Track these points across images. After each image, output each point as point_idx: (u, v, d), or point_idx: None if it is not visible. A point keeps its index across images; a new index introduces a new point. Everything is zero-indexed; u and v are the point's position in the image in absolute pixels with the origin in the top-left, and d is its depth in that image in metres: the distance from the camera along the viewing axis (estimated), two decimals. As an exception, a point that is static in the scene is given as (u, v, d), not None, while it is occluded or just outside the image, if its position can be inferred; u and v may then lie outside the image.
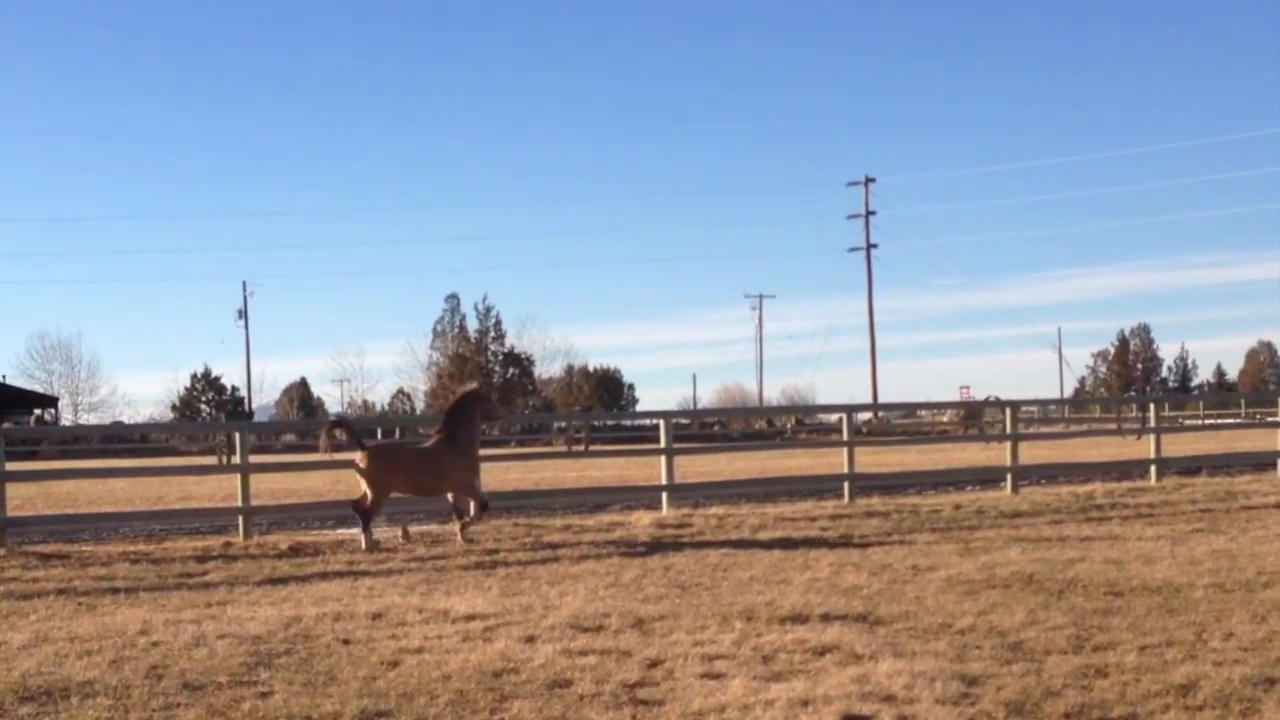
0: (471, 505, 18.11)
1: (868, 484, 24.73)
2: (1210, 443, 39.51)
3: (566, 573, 14.40)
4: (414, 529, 18.86)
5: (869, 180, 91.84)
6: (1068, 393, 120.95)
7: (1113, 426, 52.43)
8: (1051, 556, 14.25)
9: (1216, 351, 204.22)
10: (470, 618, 11.15)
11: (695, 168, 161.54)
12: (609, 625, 10.63)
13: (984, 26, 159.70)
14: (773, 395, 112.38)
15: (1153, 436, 25.69)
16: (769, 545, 16.46)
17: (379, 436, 52.35)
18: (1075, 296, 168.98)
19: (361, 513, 17.42)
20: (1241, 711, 7.40)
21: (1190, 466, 27.24)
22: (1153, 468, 24.78)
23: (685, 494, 23.12)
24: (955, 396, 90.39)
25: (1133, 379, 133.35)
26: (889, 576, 13.17)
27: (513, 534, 18.50)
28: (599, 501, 23.59)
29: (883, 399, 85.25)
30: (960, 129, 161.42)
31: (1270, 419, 32.03)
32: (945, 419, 77.17)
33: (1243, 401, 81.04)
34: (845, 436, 23.70)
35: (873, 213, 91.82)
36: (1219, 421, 63.52)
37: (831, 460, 30.60)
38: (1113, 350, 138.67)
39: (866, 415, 71.82)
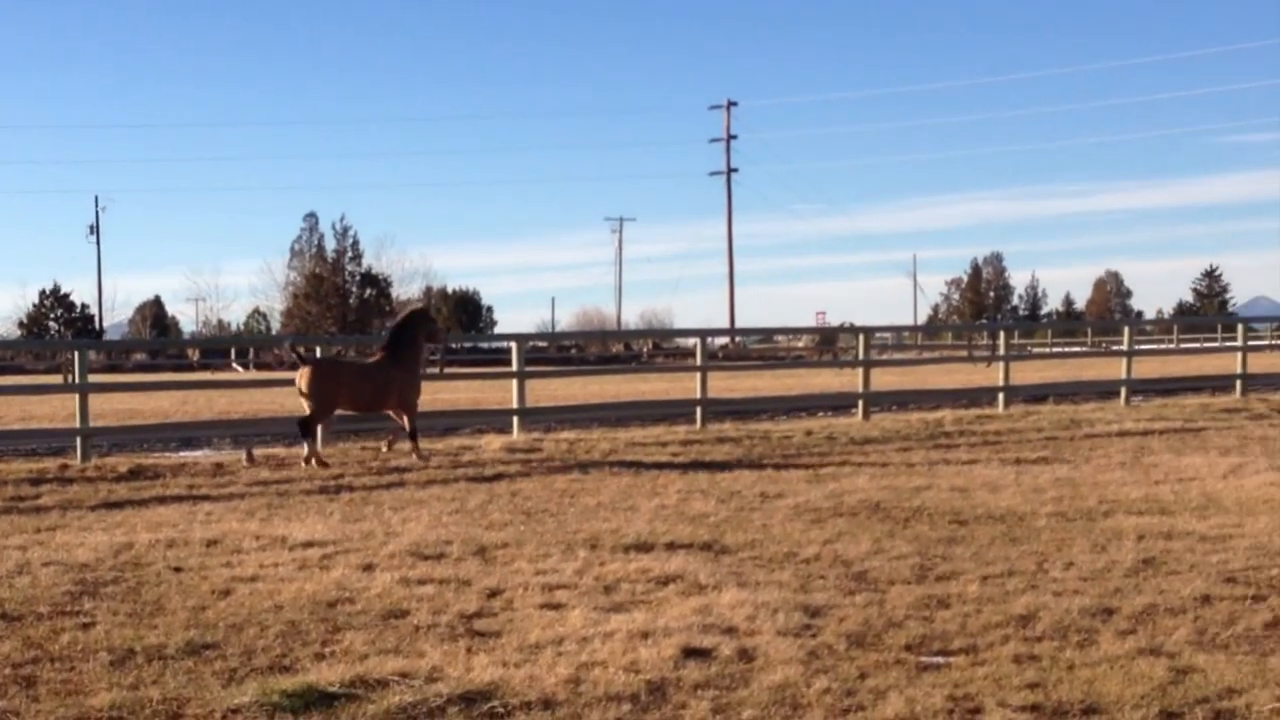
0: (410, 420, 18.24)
1: (721, 409, 24.70)
2: (1058, 371, 40.21)
3: (411, 498, 14.16)
4: (260, 451, 18.45)
5: (731, 104, 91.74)
6: (922, 320, 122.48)
7: (964, 354, 53.09)
8: (899, 484, 14.27)
9: (1066, 281, 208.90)
10: (309, 545, 10.88)
11: (557, 89, 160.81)
12: (450, 553, 10.43)
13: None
14: (631, 319, 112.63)
15: (1001, 364, 25.93)
16: (619, 471, 16.31)
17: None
18: (931, 224, 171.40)
19: (303, 425, 17.43)
20: (1079, 643, 7.38)
21: (1037, 394, 27.60)
22: (1000, 395, 25.01)
23: (537, 418, 22.92)
24: (812, 322, 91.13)
25: (985, 307, 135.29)
26: (737, 504, 13.10)
27: (360, 458, 18.18)
28: (451, 425, 23.34)
29: (741, 324, 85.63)
30: (823, 54, 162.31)
31: (1115, 348, 32.58)
32: (801, 344, 77.66)
33: (1089, 331, 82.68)
34: (698, 361, 23.60)
35: (734, 137, 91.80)
36: (1067, 350, 64.65)
37: (686, 385, 30.54)
38: (966, 278, 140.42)
39: (724, 340, 71.90)
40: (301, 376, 17.69)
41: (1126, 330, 28.89)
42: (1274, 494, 12.84)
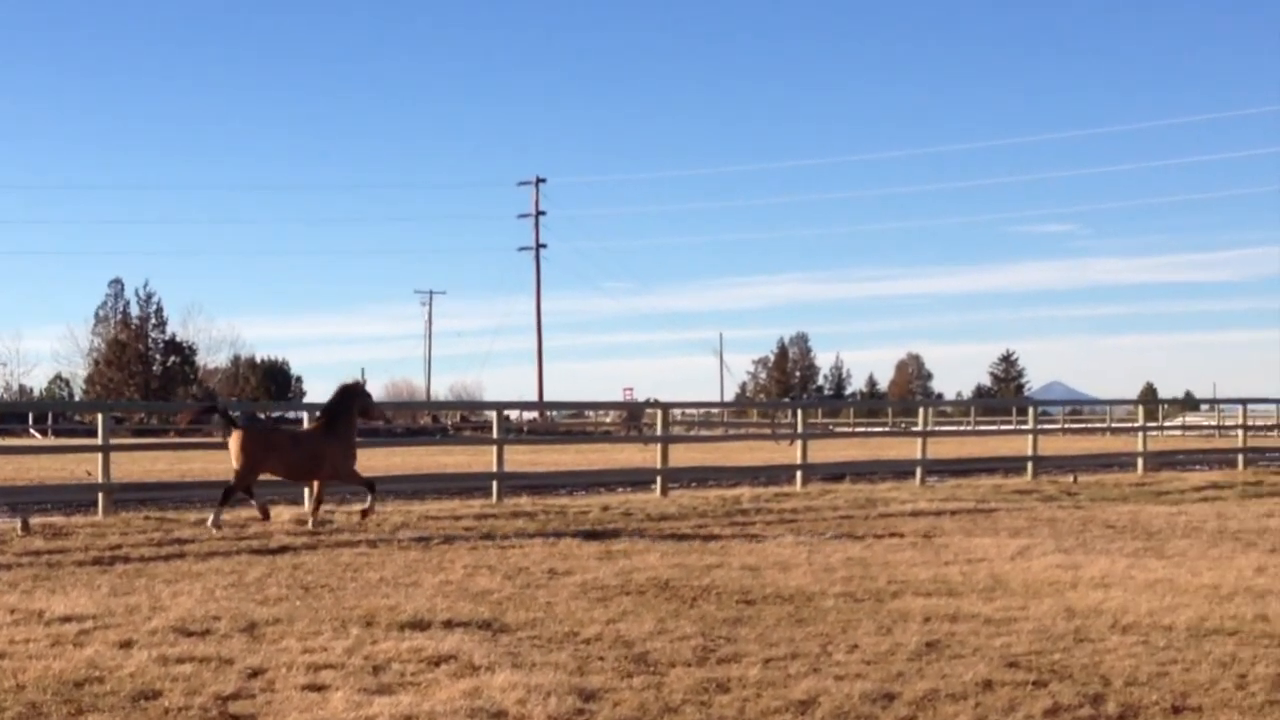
0: (369, 494, 18.78)
1: (519, 483, 24.38)
2: (858, 450, 40.59)
3: (189, 570, 13.57)
4: (39, 520, 17.66)
5: (539, 180, 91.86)
6: (729, 397, 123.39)
7: (769, 432, 53.43)
8: (690, 562, 14.05)
9: (869, 362, 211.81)
10: (67, 619, 10.30)
11: (370, 161, 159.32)
12: (217, 629, 9.93)
13: (650, 35, 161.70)
14: (442, 392, 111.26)
15: (800, 443, 25.99)
16: (408, 545, 15.88)
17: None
18: (739, 304, 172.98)
19: (226, 489, 17.86)
20: (858, 729, 7.20)
21: (836, 473, 27.74)
22: (799, 473, 25.07)
23: (331, 490, 22.31)
24: (620, 398, 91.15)
25: (791, 386, 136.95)
26: (523, 580, 12.76)
27: (142, 528, 17.51)
28: (240, 497, 22.55)
29: (551, 399, 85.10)
30: (631, 133, 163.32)
31: (913, 428, 32.98)
32: (609, 420, 77.62)
33: (890, 411, 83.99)
34: (495, 434, 23.24)
35: (543, 213, 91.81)
36: (869, 430, 65.51)
37: (488, 458, 30.10)
38: (773, 357, 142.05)
39: (533, 414, 71.77)
40: (234, 440, 17.86)
41: (922, 411, 29.24)
42: (1059, 576, 12.87)
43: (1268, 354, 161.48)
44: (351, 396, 18.89)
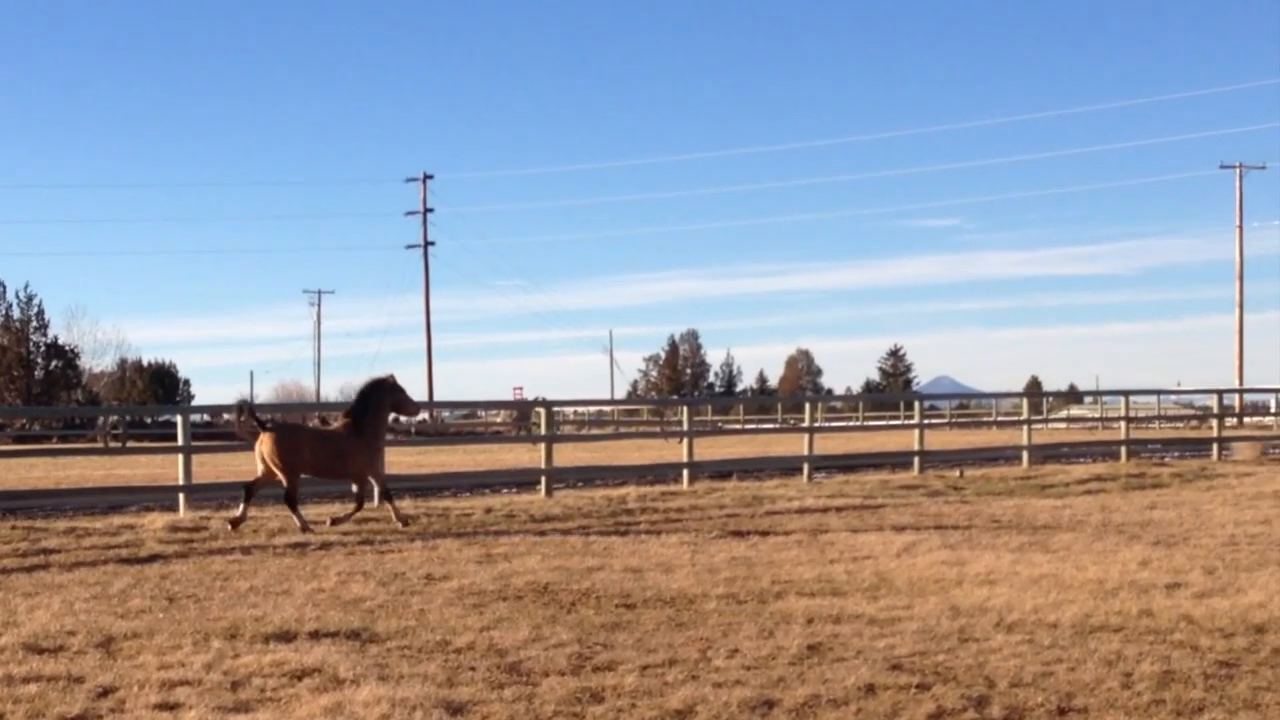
0: (376, 492, 18.72)
1: (402, 486, 23.87)
2: (746, 447, 40.52)
3: (50, 582, 13.06)
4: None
5: (427, 177, 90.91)
6: (620, 395, 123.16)
7: (658, 430, 53.22)
8: (572, 565, 13.73)
9: (760, 358, 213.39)
10: (-89, 637, 9.77)
11: (255, 158, 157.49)
12: (71, 645, 9.48)
13: (538, 30, 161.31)
14: (331, 393, 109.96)
15: (686, 440, 25.76)
16: (283, 551, 15.45)
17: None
18: (629, 301, 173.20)
19: (249, 488, 17.97)
20: (735, 739, 6.93)
21: (723, 470, 27.52)
22: (685, 472, 24.84)
23: (209, 495, 21.78)
24: (510, 397, 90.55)
25: (682, 383, 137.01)
26: (398, 587, 12.38)
27: (8, 537, 16.89)
28: (118, 502, 21.96)
29: (441, 399, 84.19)
30: (521, 129, 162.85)
31: (802, 425, 32.86)
32: (499, 420, 77.12)
33: (779, 407, 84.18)
34: (376, 436, 22.72)
35: (431, 210, 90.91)
36: (759, 427, 65.57)
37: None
38: (664, 355, 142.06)
39: (422, 415, 70.82)
40: (263, 442, 17.74)
41: (808, 407, 29.13)
42: (944, 573, 12.70)
43: (1150, 346, 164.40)
44: (381, 393, 18.57)
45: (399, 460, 35.63)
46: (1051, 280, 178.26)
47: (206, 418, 75.52)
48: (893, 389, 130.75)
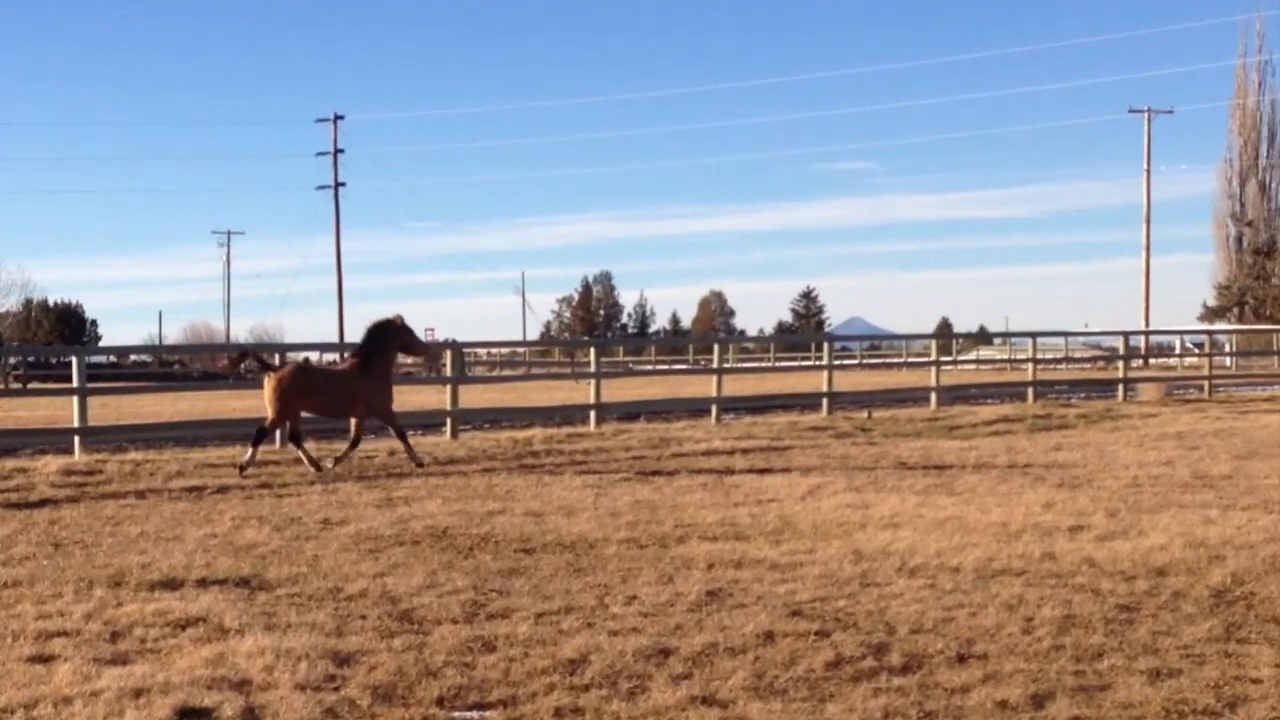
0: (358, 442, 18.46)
1: (305, 428, 23.54)
2: (657, 388, 40.32)
3: (-66, 529, 12.65)
4: None
5: (338, 118, 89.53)
6: (533, 336, 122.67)
7: (569, 371, 52.93)
8: (473, 509, 13.51)
9: (673, 300, 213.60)
10: None
11: (163, 96, 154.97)
12: (-54, 594, 9.14)
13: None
14: (241, 334, 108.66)
15: (593, 382, 25.55)
16: (178, 495, 15.12)
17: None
18: (542, 243, 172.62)
19: (260, 430, 17.85)
20: (629, 691, 6.75)
21: (632, 412, 27.30)
22: (592, 413, 24.63)
23: (106, 438, 21.32)
24: (422, 338, 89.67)
25: (596, 324, 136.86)
26: (293, 532, 12.10)
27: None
28: (12, 445, 21.42)
29: (352, 341, 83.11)
30: (432, 69, 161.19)
31: (712, 366, 32.70)
32: (410, 361, 76.38)
33: (691, 348, 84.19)
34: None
35: (342, 151, 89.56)
36: (671, 368, 65.46)
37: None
38: (577, 296, 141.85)
39: (333, 356, 70.35)
40: (269, 382, 17.79)
41: (716, 348, 28.98)
42: (849, 516, 12.59)
43: (1059, 289, 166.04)
44: (389, 333, 18.44)
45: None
46: (963, 223, 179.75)
47: (113, 359, 74.65)
48: (805, 330, 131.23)
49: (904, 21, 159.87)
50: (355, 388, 18.07)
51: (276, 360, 21.11)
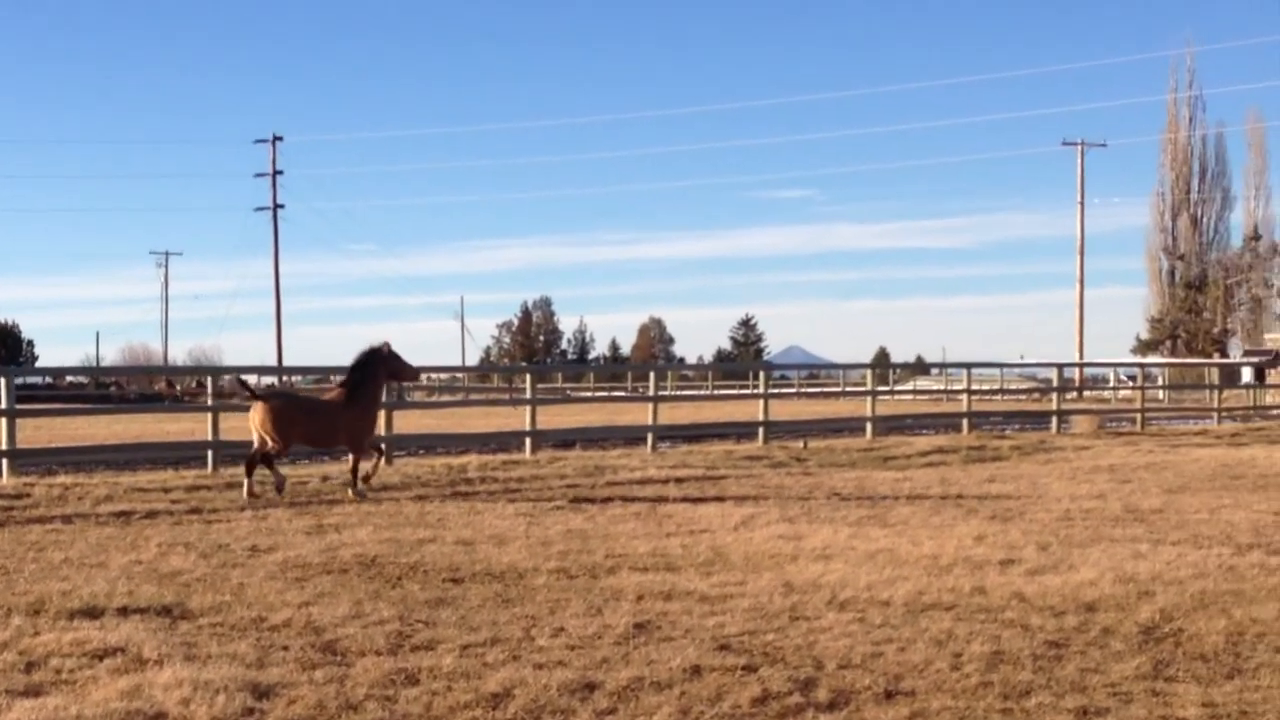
0: (374, 457, 18.41)
1: (238, 452, 23.35)
2: (595, 415, 40.22)
3: None
4: None
5: (277, 139, 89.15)
6: (472, 361, 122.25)
7: (509, 397, 52.74)
8: (403, 536, 13.38)
9: (613, 326, 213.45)
10: None
11: (102, 118, 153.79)
12: None
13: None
14: (179, 356, 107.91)
15: (529, 408, 25.45)
16: (106, 520, 14.94)
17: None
18: (481, 267, 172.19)
19: (250, 460, 17.59)
20: (553, 725, 6.67)
21: (568, 439, 27.22)
22: (528, 440, 24.53)
23: (36, 460, 21.07)
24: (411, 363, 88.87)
25: (535, 350, 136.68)
26: (220, 559, 11.94)
27: None
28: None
29: (291, 364, 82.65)
30: (372, 92, 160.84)
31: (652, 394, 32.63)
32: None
33: (630, 375, 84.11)
34: (209, 401, 22.18)
35: (280, 172, 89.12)
36: (610, 395, 65.38)
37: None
38: (516, 321, 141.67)
39: (271, 379, 70.35)
40: (256, 411, 17.60)
41: (652, 375, 28.93)
42: (781, 547, 12.55)
43: (996, 319, 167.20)
44: (376, 362, 18.29)
45: (239, 426, 34.89)
46: (901, 253, 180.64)
47: (49, 379, 73.86)
48: (744, 358, 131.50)
49: (845, 51, 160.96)
50: (339, 418, 17.98)
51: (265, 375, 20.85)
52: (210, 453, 21.25)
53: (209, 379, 23.23)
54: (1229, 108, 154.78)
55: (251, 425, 17.83)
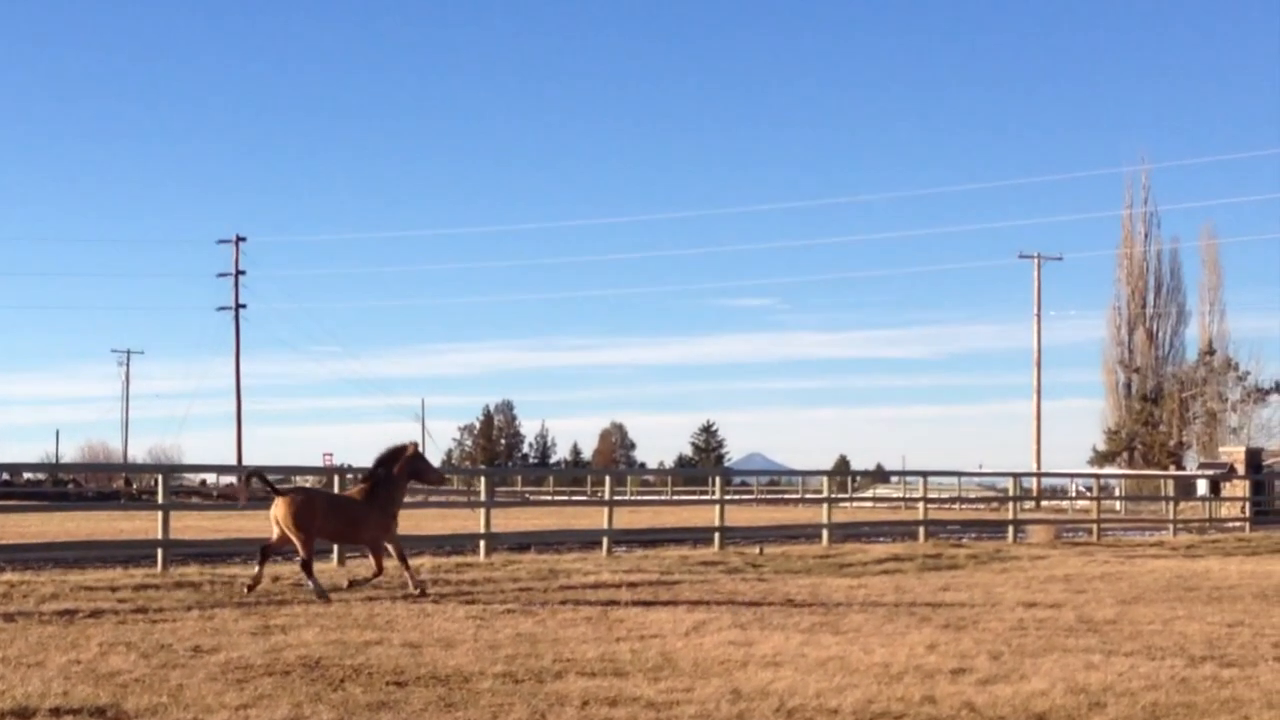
0: (392, 554, 18.27)
1: (188, 551, 23.19)
2: (553, 519, 40.10)
3: None
4: None
5: (240, 239, 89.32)
6: (434, 465, 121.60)
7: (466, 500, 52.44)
8: (349, 638, 13.21)
9: (574, 430, 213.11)
10: None
11: (64, 215, 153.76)
12: None
13: (348, 95, 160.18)
14: (139, 455, 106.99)
15: (483, 511, 25.32)
16: (49, 619, 14.71)
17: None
18: (445, 370, 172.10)
19: (264, 551, 17.82)
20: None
21: (523, 542, 27.06)
22: (482, 542, 24.38)
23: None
24: (320, 465, 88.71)
25: (497, 453, 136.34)
26: (161, 659, 11.75)
27: None
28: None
29: (250, 464, 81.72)
30: (336, 194, 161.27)
31: (617, 497, 32.48)
32: (310, 485, 75.68)
33: (589, 479, 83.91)
34: (160, 499, 21.96)
35: (243, 272, 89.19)
36: (569, 498, 65.24)
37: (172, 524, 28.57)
38: (478, 424, 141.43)
39: (231, 479, 70.29)
40: (278, 506, 17.54)
41: (608, 479, 28.84)
42: (731, 654, 12.44)
43: (955, 429, 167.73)
44: (401, 461, 18.30)
45: (197, 525, 34.57)
46: (861, 362, 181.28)
47: (6, 476, 73.15)
48: (705, 464, 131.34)
49: (807, 162, 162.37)
50: (360, 514, 17.98)
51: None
52: (160, 551, 21.00)
53: (160, 478, 22.89)
54: (1184, 224, 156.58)
55: (272, 520, 17.77)
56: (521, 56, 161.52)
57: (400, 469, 18.28)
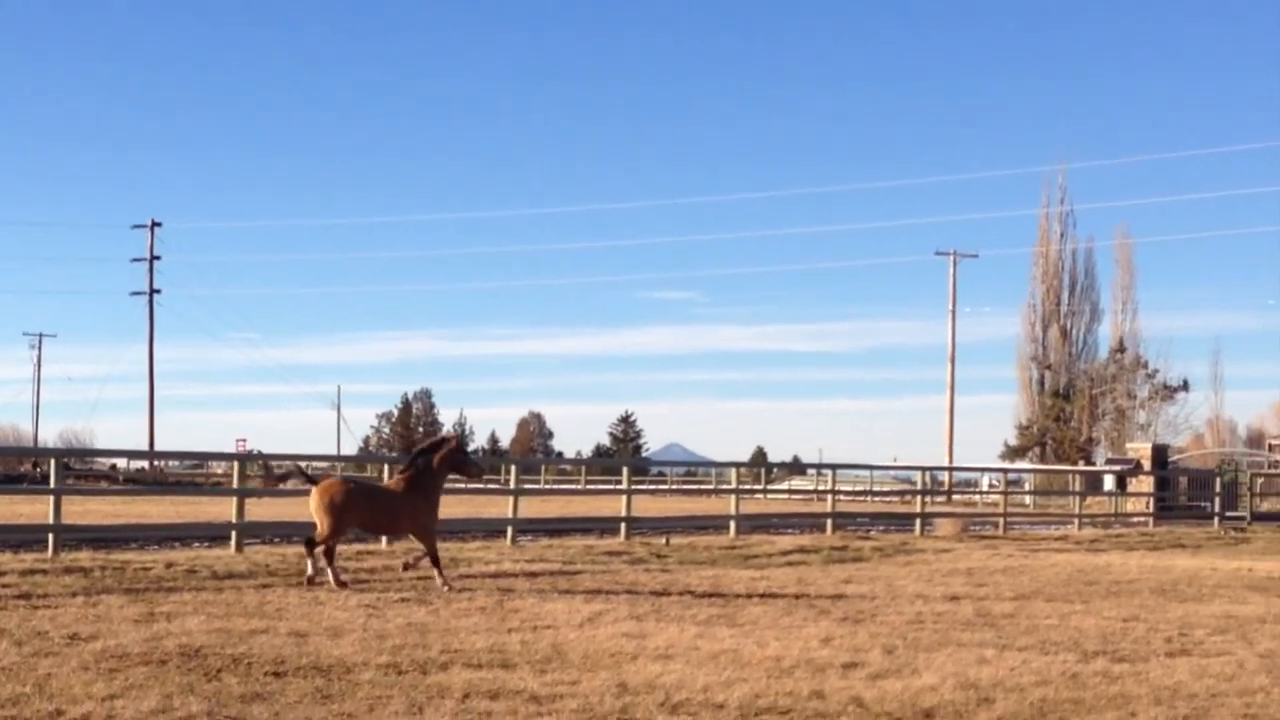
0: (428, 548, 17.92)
1: (82, 536, 22.71)
2: (464, 508, 39.65)
3: None
4: None
5: (155, 224, 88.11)
6: (350, 451, 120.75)
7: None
8: (235, 626, 12.91)
9: (493, 419, 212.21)
10: None
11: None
12: None
13: (269, 80, 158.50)
14: (50, 438, 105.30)
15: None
16: (-73, 604, 14.27)
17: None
18: (362, 358, 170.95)
19: (319, 547, 17.28)
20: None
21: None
22: (386, 531, 24.03)
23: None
24: (233, 450, 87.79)
25: (415, 441, 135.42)
26: (34, 647, 11.42)
27: None
28: None
29: (164, 449, 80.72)
30: (255, 180, 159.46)
31: (528, 485, 32.26)
32: (221, 472, 75.06)
33: (513, 468, 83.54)
34: (53, 484, 21.50)
35: (158, 258, 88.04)
36: (483, 487, 64.73)
37: (68, 509, 28.06)
38: (396, 412, 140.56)
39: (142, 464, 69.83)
40: (315, 495, 17.41)
41: (513, 468, 28.60)
42: (623, 646, 12.26)
43: (871, 423, 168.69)
44: (442, 452, 18.11)
45: (96, 510, 34.03)
46: (780, 355, 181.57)
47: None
48: (623, 455, 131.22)
49: (728, 157, 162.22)
50: (399, 505, 17.77)
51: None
52: (51, 536, 20.55)
53: (52, 462, 22.42)
54: (1099, 223, 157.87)
55: (311, 509, 17.57)
56: (442, 45, 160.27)
57: (441, 460, 18.06)
